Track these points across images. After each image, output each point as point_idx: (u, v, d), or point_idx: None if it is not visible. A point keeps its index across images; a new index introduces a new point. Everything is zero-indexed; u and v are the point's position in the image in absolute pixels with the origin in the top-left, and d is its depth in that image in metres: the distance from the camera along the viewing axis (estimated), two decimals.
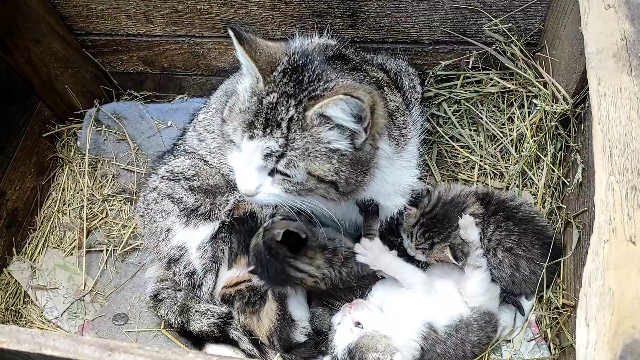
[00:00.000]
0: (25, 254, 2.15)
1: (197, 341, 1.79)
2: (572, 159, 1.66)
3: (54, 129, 2.33)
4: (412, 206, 1.70)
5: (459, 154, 2.04)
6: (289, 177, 1.37)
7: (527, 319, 1.74)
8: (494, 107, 2.00)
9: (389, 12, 1.85)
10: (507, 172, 1.94)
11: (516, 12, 1.79)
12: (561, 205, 1.74)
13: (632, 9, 1.28)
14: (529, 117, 1.88)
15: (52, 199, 2.27)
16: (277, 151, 1.34)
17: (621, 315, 0.93)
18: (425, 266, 1.76)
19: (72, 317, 2.00)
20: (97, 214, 2.21)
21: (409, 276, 1.66)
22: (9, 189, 2.13)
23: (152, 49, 2.20)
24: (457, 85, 2.01)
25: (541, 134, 1.82)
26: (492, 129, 1.97)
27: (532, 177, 1.88)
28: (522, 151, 1.90)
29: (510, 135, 1.94)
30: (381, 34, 1.93)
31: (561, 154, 1.80)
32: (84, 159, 2.29)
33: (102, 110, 2.33)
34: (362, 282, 1.72)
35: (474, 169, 2.01)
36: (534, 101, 1.84)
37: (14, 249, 2.12)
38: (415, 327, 1.58)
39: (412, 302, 1.62)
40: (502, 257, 1.69)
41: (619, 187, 1.06)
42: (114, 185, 2.26)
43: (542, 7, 1.77)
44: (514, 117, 1.94)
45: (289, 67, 1.39)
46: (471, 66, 1.94)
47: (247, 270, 1.68)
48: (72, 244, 2.15)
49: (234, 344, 1.76)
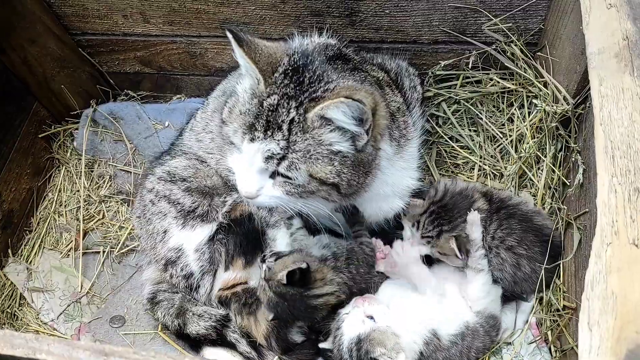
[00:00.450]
0: (21, 256, 2.13)
1: (195, 344, 1.77)
2: (573, 159, 1.65)
3: (50, 129, 2.32)
4: (413, 197, 1.68)
5: (458, 155, 2.03)
6: (291, 179, 1.36)
7: (527, 321, 1.73)
8: (494, 107, 1.98)
9: (387, 11, 1.83)
10: (506, 173, 1.93)
11: (516, 12, 1.78)
12: (561, 206, 1.73)
13: (634, 8, 1.26)
14: (529, 117, 1.87)
15: (49, 200, 2.25)
16: (279, 154, 1.33)
17: (624, 319, 0.92)
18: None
19: (68, 320, 1.99)
20: (93, 215, 2.19)
21: (427, 281, 1.67)
22: (5, 190, 2.11)
23: (149, 48, 2.18)
24: (456, 85, 1.99)
25: (541, 134, 1.81)
26: (492, 129, 1.96)
27: (532, 177, 1.87)
28: (520, 152, 1.89)
29: (510, 135, 1.93)
30: (380, 33, 1.92)
31: (561, 155, 1.79)
32: (80, 159, 2.28)
33: (99, 110, 2.32)
34: (370, 281, 1.72)
35: (473, 169, 2.00)
36: (534, 101, 1.83)
37: (9, 251, 2.11)
38: (419, 331, 1.57)
39: (420, 306, 1.62)
40: (505, 256, 1.68)
41: (622, 189, 1.05)
42: (110, 186, 2.24)
43: (543, 7, 1.76)
44: (514, 117, 1.92)
45: (290, 68, 1.37)
46: (471, 66, 1.93)
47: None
48: (68, 245, 2.13)
49: (232, 346, 1.74)
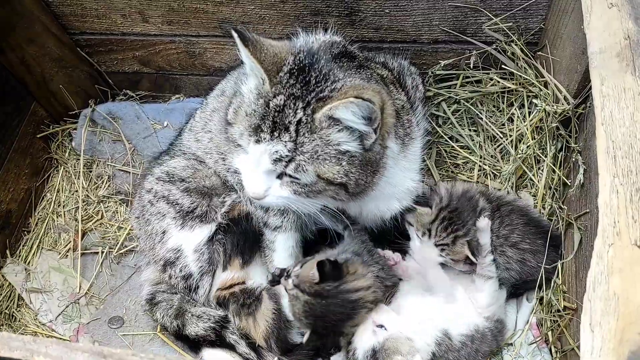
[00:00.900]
0: (19, 256, 2.12)
1: (194, 345, 1.76)
2: (573, 159, 1.64)
3: (48, 129, 2.31)
4: (418, 205, 1.66)
5: (458, 155, 2.03)
6: (298, 179, 1.35)
7: (528, 322, 1.72)
8: (494, 107, 1.98)
9: (387, 11, 1.83)
10: (501, 172, 1.92)
11: (517, 11, 1.78)
12: (562, 206, 1.73)
13: (635, 7, 1.26)
14: (529, 117, 1.86)
15: (47, 201, 2.24)
16: (287, 156, 1.32)
17: (627, 321, 0.91)
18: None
19: (67, 321, 1.98)
20: (92, 216, 2.18)
21: (444, 283, 1.66)
22: (3, 190, 2.10)
23: (148, 48, 2.17)
24: (456, 84, 1.99)
25: (542, 134, 1.81)
26: (492, 129, 1.96)
27: (533, 178, 1.87)
28: (518, 153, 1.88)
29: (510, 135, 1.92)
30: (380, 33, 1.91)
31: (562, 155, 1.79)
32: (79, 159, 2.27)
33: (97, 110, 2.31)
34: (394, 275, 1.72)
35: (473, 169, 1.99)
36: (535, 101, 1.82)
37: (7, 251, 2.10)
38: (431, 332, 1.57)
39: (431, 307, 1.61)
40: (511, 254, 1.68)
41: (624, 189, 1.04)
42: (109, 186, 2.24)
43: (543, 6, 1.75)
44: (514, 117, 1.92)
45: (295, 68, 1.36)
46: (471, 65, 1.92)
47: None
48: (67, 246, 2.13)
49: (231, 347, 1.73)
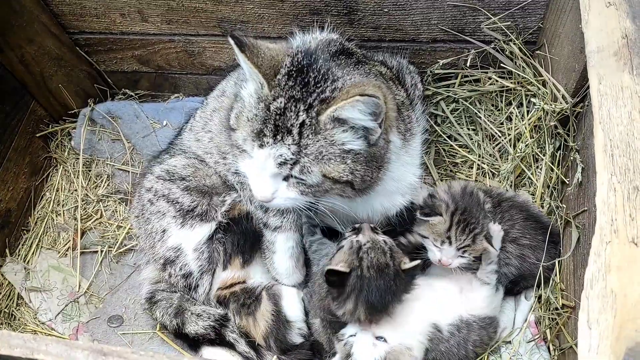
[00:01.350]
0: (18, 255, 2.12)
1: (193, 344, 1.77)
2: (572, 158, 1.65)
3: (47, 128, 2.31)
4: (427, 216, 1.63)
5: (457, 153, 2.03)
6: (304, 180, 1.36)
7: (526, 320, 1.73)
8: (493, 106, 1.98)
9: (386, 10, 1.83)
10: (500, 171, 1.93)
11: (515, 10, 1.78)
12: (560, 204, 1.73)
13: (633, 6, 1.27)
14: (528, 116, 1.87)
15: (46, 200, 2.24)
16: (291, 159, 1.32)
17: (624, 318, 0.92)
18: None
19: (66, 319, 1.98)
20: (91, 215, 2.18)
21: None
22: (2, 189, 2.10)
23: (147, 47, 2.18)
24: (455, 84, 1.99)
25: (540, 133, 1.81)
26: (491, 128, 1.96)
27: (531, 176, 1.87)
28: (516, 151, 1.89)
29: (508, 134, 1.93)
30: (379, 32, 1.91)
31: (560, 154, 1.79)
32: (78, 159, 2.27)
33: (97, 109, 2.31)
34: None
35: (472, 168, 2.00)
36: (533, 100, 1.83)
37: (7, 250, 2.10)
38: (423, 329, 1.58)
39: (417, 304, 1.61)
40: (510, 249, 1.69)
41: (621, 187, 1.05)
42: (108, 185, 2.24)
43: (541, 5, 1.76)
44: (513, 116, 1.93)
45: (293, 69, 1.35)
46: (469, 65, 1.92)
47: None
48: (66, 245, 2.12)
49: (231, 346, 1.74)
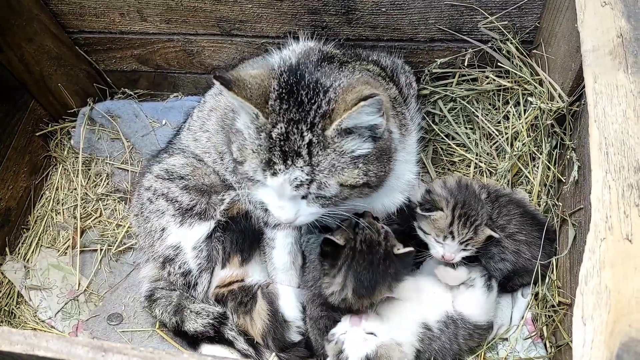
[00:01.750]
0: (18, 254, 2.13)
1: (192, 341, 1.78)
2: (568, 157, 1.66)
3: (47, 127, 2.31)
4: (428, 212, 1.65)
5: (454, 152, 2.04)
6: (323, 194, 1.37)
7: (523, 317, 1.74)
8: (490, 105, 1.99)
9: (384, 9, 1.84)
10: (497, 169, 1.94)
11: (512, 10, 1.79)
12: (557, 203, 1.74)
13: (628, 6, 1.27)
14: (525, 115, 1.88)
15: (46, 199, 2.25)
16: (306, 179, 1.32)
17: (618, 313, 0.93)
18: None
19: (66, 317, 1.99)
20: (91, 213, 2.19)
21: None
22: (2, 188, 2.11)
23: (146, 46, 2.18)
24: (452, 83, 2.00)
25: (537, 132, 1.82)
26: (488, 127, 1.97)
27: (528, 175, 1.88)
28: (513, 150, 1.90)
29: (505, 133, 1.94)
30: (377, 31, 1.92)
31: (557, 152, 1.80)
32: (77, 158, 2.28)
33: (96, 108, 2.32)
34: None
35: (469, 167, 2.01)
36: (530, 99, 1.84)
37: (7, 249, 2.11)
38: (413, 330, 1.59)
39: (406, 304, 1.63)
40: (506, 244, 1.70)
41: (616, 185, 1.06)
42: (108, 184, 2.25)
43: (538, 5, 1.77)
44: (510, 115, 1.93)
45: (283, 91, 1.34)
46: (467, 64, 1.93)
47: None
48: (65, 243, 2.13)
49: (230, 344, 1.75)
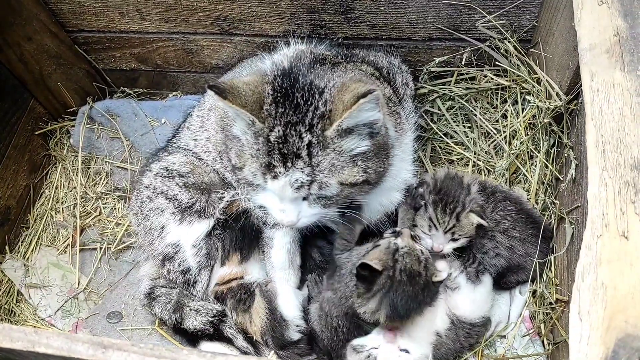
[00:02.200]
0: (18, 252, 2.13)
1: (192, 339, 1.78)
2: (566, 155, 1.67)
3: (46, 126, 2.32)
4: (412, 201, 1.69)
5: (453, 151, 2.05)
6: (324, 194, 1.37)
7: (521, 314, 1.75)
8: (488, 103, 2.00)
9: (382, 8, 1.85)
10: (495, 168, 1.95)
11: (510, 9, 1.80)
12: (554, 201, 1.75)
13: (624, 4, 1.28)
14: (523, 113, 1.88)
15: (45, 197, 2.26)
16: (307, 180, 1.33)
17: (614, 309, 0.94)
18: None
19: (65, 316, 2.00)
20: (90, 212, 2.20)
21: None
22: (1, 187, 2.11)
23: (145, 46, 2.19)
24: (451, 81, 2.01)
25: (534, 130, 1.83)
26: (486, 126, 1.98)
27: (526, 173, 1.89)
28: (512, 149, 1.90)
29: (504, 131, 1.95)
30: (375, 30, 1.93)
31: (554, 150, 1.81)
32: (77, 156, 2.28)
33: (95, 107, 2.32)
34: None
35: (468, 165, 2.02)
36: (528, 98, 1.84)
37: (7, 247, 2.11)
38: (431, 339, 1.60)
39: (426, 315, 1.59)
40: (500, 240, 1.72)
41: (612, 182, 1.07)
42: (107, 183, 2.25)
43: (536, 4, 1.77)
44: (508, 113, 1.94)
45: (278, 95, 1.34)
46: (465, 63, 1.94)
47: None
48: (65, 242, 2.14)
49: (229, 341, 1.75)
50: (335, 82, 1.38)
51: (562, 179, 1.72)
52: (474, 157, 2.00)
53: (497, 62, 1.91)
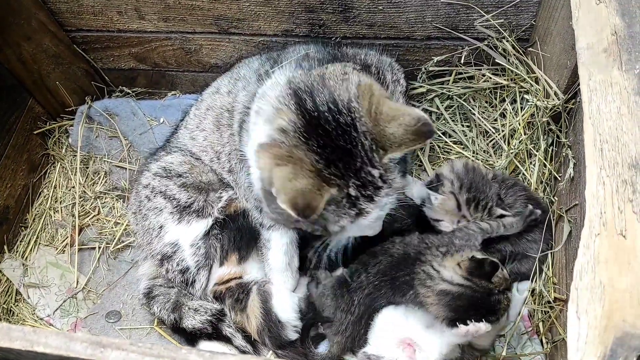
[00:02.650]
0: (16, 252, 2.13)
1: (191, 338, 1.78)
2: (564, 154, 1.67)
3: (45, 126, 2.32)
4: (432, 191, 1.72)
5: (451, 150, 2.05)
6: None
7: (519, 313, 1.75)
8: (486, 102, 2.00)
9: (381, 7, 1.85)
10: (494, 167, 1.95)
11: (508, 8, 1.80)
12: (553, 199, 1.75)
13: (622, 3, 1.28)
14: (521, 112, 1.89)
15: (44, 197, 2.25)
16: (391, 200, 1.38)
17: (612, 308, 0.94)
18: None
19: (64, 315, 1.99)
20: (89, 212, 2.20)
21: None
22: (0, 186, 2.11)
23: (144, 45, 2.19)
24: (449, 81, 2.01)
25: (533, 129, 1.83)
26: (485, 125, 1.98)
27: (525, 172, 1.89)
28: (510, 148, 1.91)
29: (502, 130, 1.95)
30: (374, 29, 1.93)
31: (553, 149, 1.81)
32: (75, 156, 2.28)
33: (94, 107, 2.32)
34: None
35: None
36: (526, 97, 1.85)
37: (5, 247, 2.11)
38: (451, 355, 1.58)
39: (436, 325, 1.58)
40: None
41: (610, 181, 1.07)
42: (106, 182, 2.25)
43: (534, 3, 1.78)
44: (506, 112, 1.95)
45: (326, 156, 1.30)
46: (463, 62, 1.94)
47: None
48: (64, 241, 2.14)
49: (228, 340, 1.75)
50: (362, 105, 1.36)
51: (560, 178, 1.72)
52: (473, 156, 2.00)
53: (495, 61, 1.92)
